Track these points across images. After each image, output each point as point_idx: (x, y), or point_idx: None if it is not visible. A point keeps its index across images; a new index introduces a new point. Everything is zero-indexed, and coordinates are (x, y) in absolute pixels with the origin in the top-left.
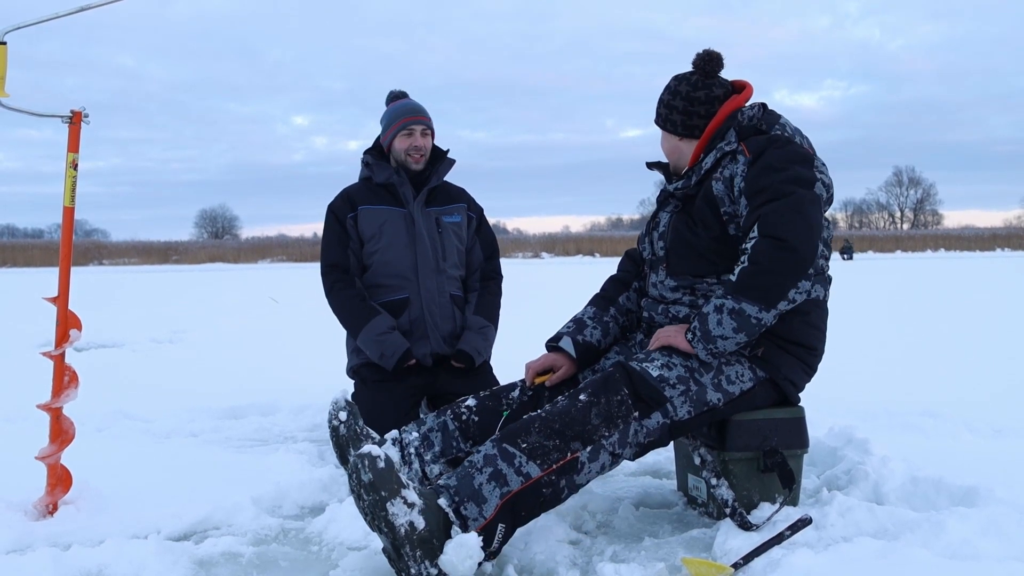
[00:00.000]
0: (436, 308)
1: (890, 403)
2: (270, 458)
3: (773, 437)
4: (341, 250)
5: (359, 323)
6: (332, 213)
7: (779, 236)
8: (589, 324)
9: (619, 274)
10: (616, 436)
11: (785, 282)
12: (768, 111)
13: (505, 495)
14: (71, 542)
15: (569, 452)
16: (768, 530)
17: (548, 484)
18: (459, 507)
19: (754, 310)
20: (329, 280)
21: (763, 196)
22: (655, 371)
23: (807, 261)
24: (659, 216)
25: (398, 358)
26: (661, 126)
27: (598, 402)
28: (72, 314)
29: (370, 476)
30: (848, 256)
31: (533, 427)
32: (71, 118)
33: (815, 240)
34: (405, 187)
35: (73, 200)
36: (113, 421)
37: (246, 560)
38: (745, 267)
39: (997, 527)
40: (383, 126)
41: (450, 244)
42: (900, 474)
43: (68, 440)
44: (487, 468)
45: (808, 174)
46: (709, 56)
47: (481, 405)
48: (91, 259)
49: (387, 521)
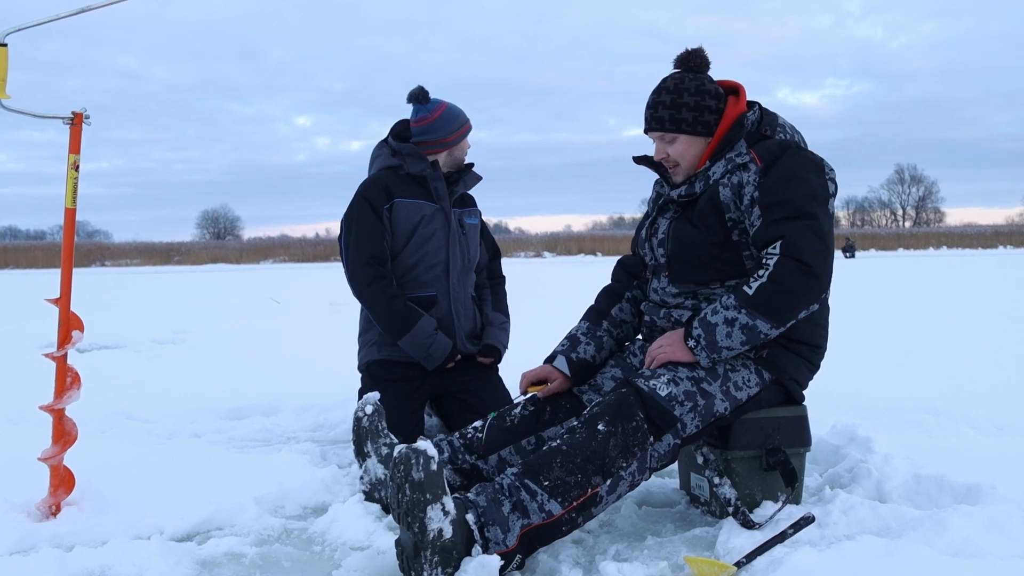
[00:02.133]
0: (461, 308)
1: (893, 401)
2: (273, 458)
3: (776, 435)
4: (379, 242)
5: (405, 325)
6: (367, 202)
7: (805, 261)
8: (582, 340)
9: (611, 284)
10: (635, 465)
11: (802, 304)
12: (766, 113)
13: (525, 527)
14: (74, 543)
15: (590, 488)
16: (771, 528)
17: (568, 522)
18: (484, 528)
19: (766, 327)
20: (368, 275)
21: (781, 210)
22: (663, 390)
23: (825, 287)
24: (658, 222)
25: (444, 359)
26: (673, 129)
27: (615, 432)
28: (74, 315)
29: (422, 476)
30: (850, 254)
31: (555, 462)
32: (72, 119)
33: (832, 265)
34: (439, 182)
35: (75, 201)
36: (116, 422)
37: (249, 560)
38: (765, 284)
39: (1000, 525)
40: (448, 125)
41: (474, 245)
42: (903, 472)
43: (71, 441)
44: (512, 497)
45: (823, 188)
46: (695, 53)
47: (486, 423)
48: (93, 260)
49: (422, 523)
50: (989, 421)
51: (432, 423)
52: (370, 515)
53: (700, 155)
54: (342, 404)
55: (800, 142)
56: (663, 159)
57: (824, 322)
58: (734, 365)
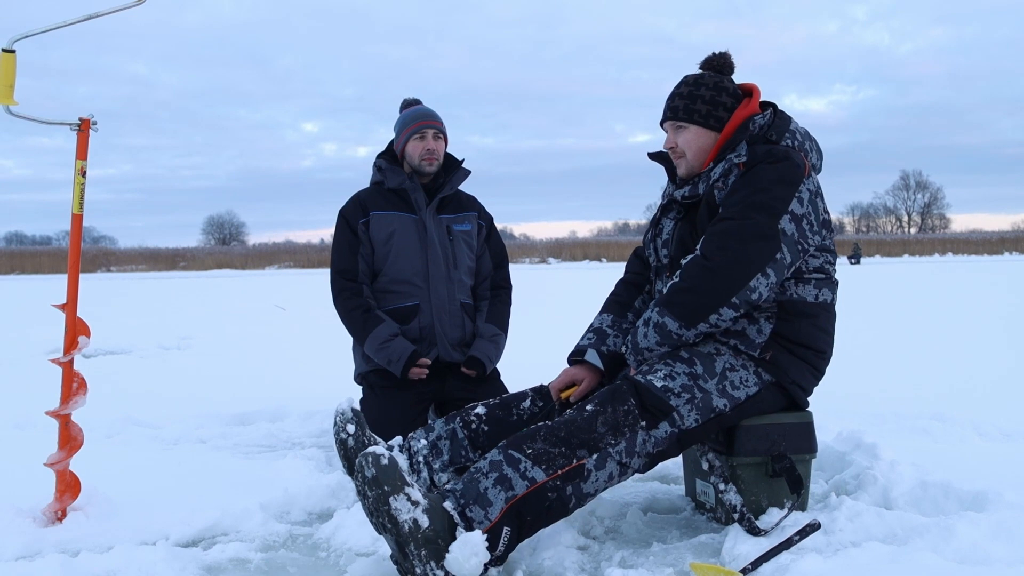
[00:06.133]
0: (446, 316)
1: (899, 407)
2: (278, 464)
3: (781, 442)
4: (350, 256)
5: (363, 332)
6: (343, 218)
7: (710, 257)
8: (610, 333)
9: (629, 276)
10: (623, 444)
11: (707, 305)
12: (780, 116)
13: (510, 499)
14: (80, 548)
15: (575, 459)
16: (777, 535)
17: (553, 489)
18: (464, 510)
19: (675, 326)
20: (336, 287)
21: (726, 211)
22: (659, 381)
23: (732, 290)
24: (662, 223)
25: (405, 362)
26: (685, 119)
27: (604, 411)
28: (80, 321)
29: (373, 472)
30: (856, 260)
31: (539, 435)
32: (79, 126)
33: (748, 271)
34: (417, 193)
35: (82, 207)
36: (121, 428)
37: (254, 566)
38: (676, 282)
39: (1007, 531)
40: (396, 131)
41: (461, 252)
42: (909, 478)
43: (77, 447)
44: (492, 473)
45: (781, 202)
46: (723, 55)
47: (491, 414)
48: (99, 266)
49: (390, 516)
50: (995, 427)
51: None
52: None
53: (706, 150)
54: None
55: (809, 150)
56: (671, 148)
57: (830, 328)
58: (733, 365)
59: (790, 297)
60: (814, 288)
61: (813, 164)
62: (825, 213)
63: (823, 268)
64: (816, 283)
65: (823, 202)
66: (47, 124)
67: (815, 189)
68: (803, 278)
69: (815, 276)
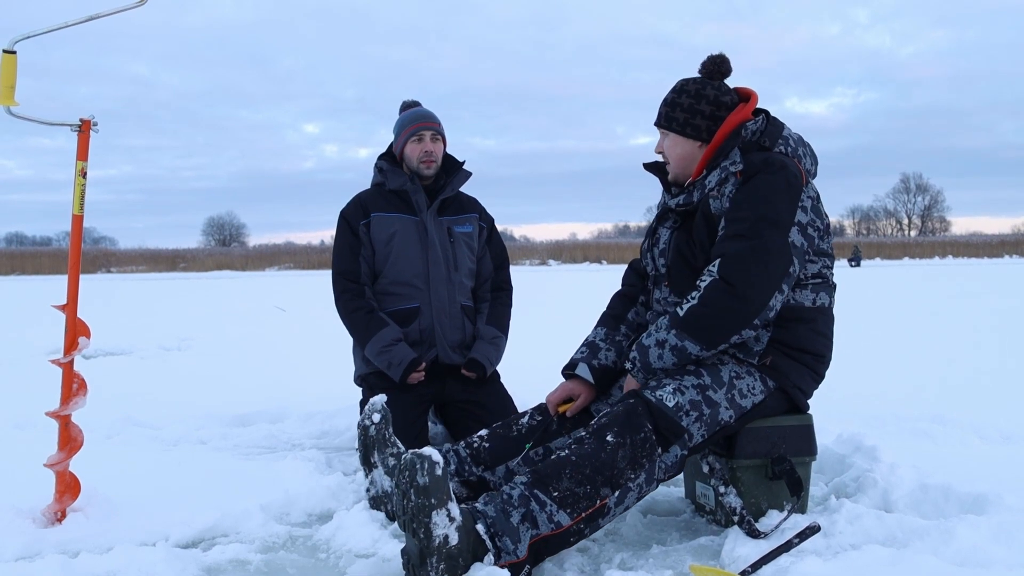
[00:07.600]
0: (446, 318)
1: (899, 410)
2: (278, 465)
3: (781, 444)
4: (351, 258)
5: (366, 335)
6: (344, 219)
7: (735, 284)
8: (602, 347)
9: (624, 289)
10: (643, 476)
11: (731, 329)
12: (772, 123)
13: (534, 537)
14: (80, 549)
15: (599, 499)
16: (776, 538)
17: (576, 532)
18: (495, 538)
19: (695, 349)
20: (337, 289)
21: (734, 227)
22: (670, 400)
23: (756, 313)
24: (659, 232)
25: (404, 368)
26: (665, 126)
27: (624, 443)
28: (80, 321)
29: (427, 480)
30: (856, 263)
31: (564, 473)
32: (80, 126)
33: (769, 292)
34: (418, 195)
35: (82, 208)
36: (121, 428)
37: (254, 567)
38: (694, 305)
39: (1007, 534)
40: (395, 133)
41: (462, 254)
42: (909, 481)
43: (76, 447)
44: (521, 508)
45: (787, 213)
46: (719, 59)
47: (491, 432)
48: (99, 267)
49: (427, 528)
50: (996, 430)
51: (437, 430)
52: (375, 522)
53: (688, 158)
54: (347, 411)
55: (803, 156)
56: (659, 152)
57: (829, 332)
58: (739, 372)
59: (787, 303)
60: (811, 293)
61: (808, 170)
62: (825, 217)
63: (821, 273)
64: (813, 288)
65: (822, 207)
66: (48, 125)
67: (815, 196)
68: (800, 283)
69: (812, 281)
